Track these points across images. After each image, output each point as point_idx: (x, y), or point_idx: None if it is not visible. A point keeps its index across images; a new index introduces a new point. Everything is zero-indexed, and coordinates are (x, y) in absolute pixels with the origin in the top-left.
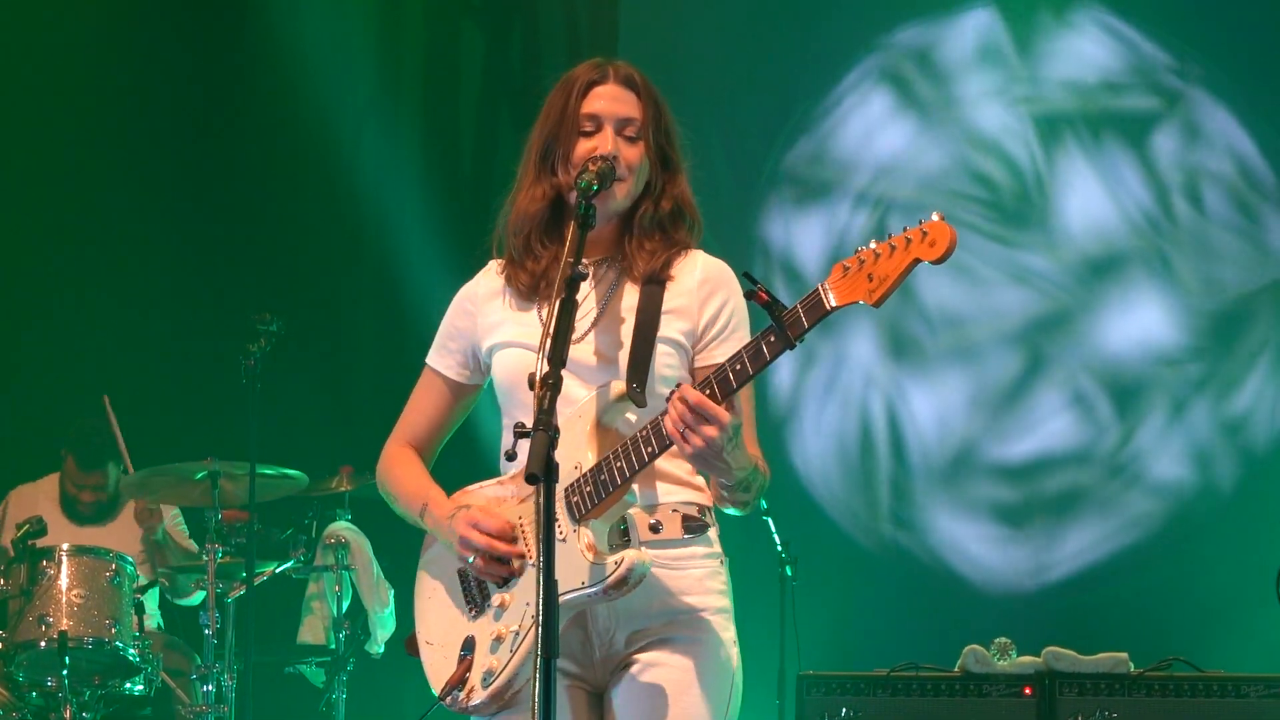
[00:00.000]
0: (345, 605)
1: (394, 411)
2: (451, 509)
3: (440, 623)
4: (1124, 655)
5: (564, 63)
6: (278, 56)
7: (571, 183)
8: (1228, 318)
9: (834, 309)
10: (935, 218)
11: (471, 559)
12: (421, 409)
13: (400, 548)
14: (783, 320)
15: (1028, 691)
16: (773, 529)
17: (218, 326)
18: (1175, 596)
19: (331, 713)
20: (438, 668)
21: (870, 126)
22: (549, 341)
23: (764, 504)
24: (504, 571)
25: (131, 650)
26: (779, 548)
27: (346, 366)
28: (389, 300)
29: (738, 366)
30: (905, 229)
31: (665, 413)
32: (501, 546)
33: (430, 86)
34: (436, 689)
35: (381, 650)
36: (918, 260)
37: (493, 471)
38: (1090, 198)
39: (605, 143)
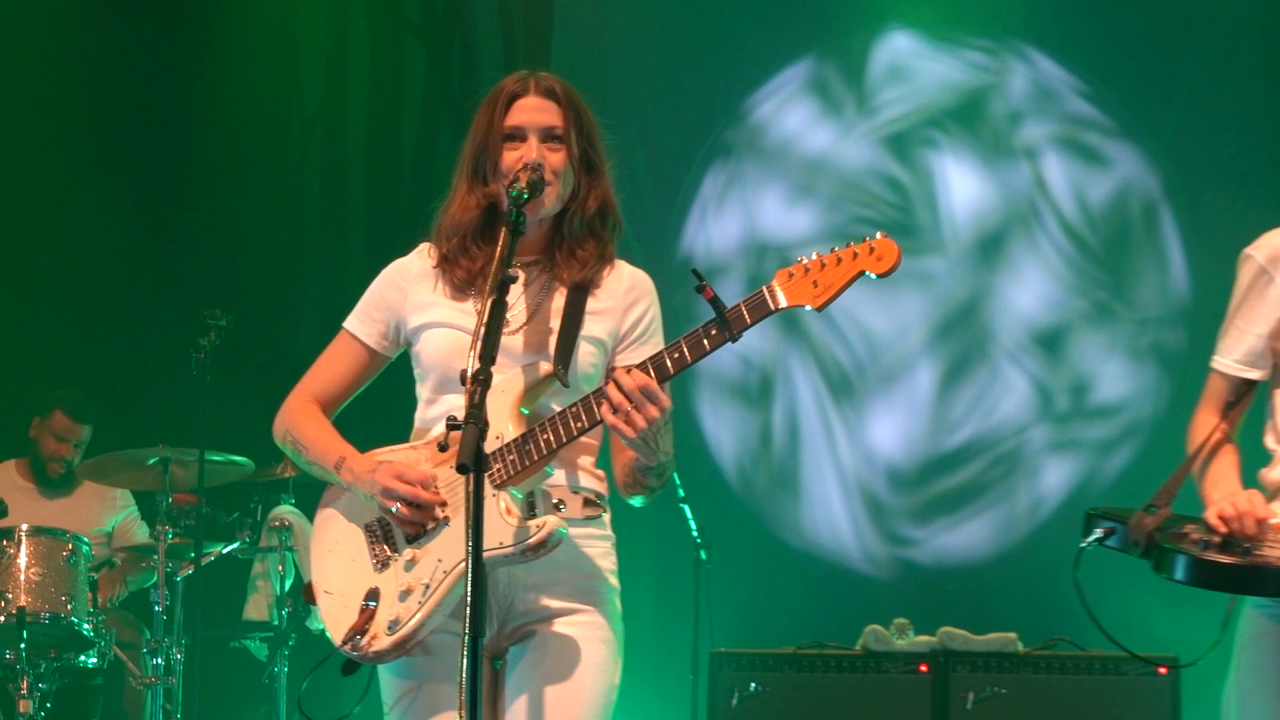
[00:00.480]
0: (288, 584)
1: None
2: (372, 464)
3: (342, 574)
4: (1013, 635)
5: (500, 76)
6: (232, 63)
7: (502, 191)
8: (1121, 334)
9: (780, 309)
10: (879, 236)
11: (395, 508)
12: (333, 369)
13: None
14: (727, 315)
15: (924, 669)
16: (689, 516)
17: (170, 321)
18: (1062, 581)
19: (274, 685)
20: (337, 616)
21: (786, 136)
22: (480, 340)
23: (681, 492)
24: (424, 518)
25: (86, 625)
26: (695, 533)
27: (292, 359)
28: (333, 298)
29: (676, 355)
30: (850, 243)
31: (599, 392)
32: (425, 495)
33: (375, 97)
34: (334, 635)
35: (322, 626)
36: (864, 272)
37: (382, 437)
38: (974, 195)
39: (530, 151)
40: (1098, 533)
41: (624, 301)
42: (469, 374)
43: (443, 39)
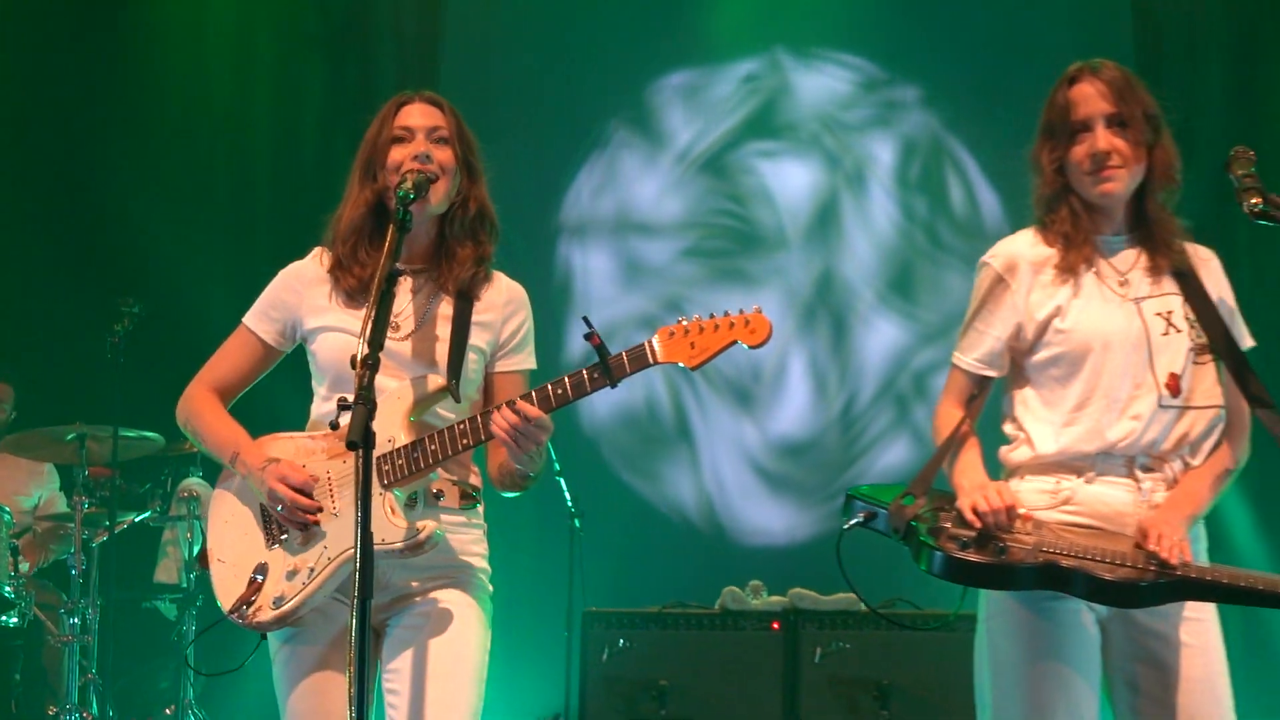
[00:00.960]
0: (195, 550)
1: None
2: (263, 460)
3: (236, 545)
4: (855, 595)
5: (393, 87)
6: (146, 66)
7: (391, 188)
8: (953, 315)
9: (657, 363)
10: (755, 310)
11: (279, 508)
12: (232, 361)
13: None
14: (609, 364)
15: (776, 626)
16: (565, 488)
17: (88, 308)
18: (900, 547)
19: (182, 643)
20: (226, 584)
21: (643, 158)
22: (369, 328)
23: (557, 466)
24: (303, 520)
25: (7, 588)
26: (569, 504)
27: (199, 345)
28: (239, 290)
29: (559, 391)
30: (728, 313)
31: (487, 414)
32: (303, 501)
33: (278, 103)
34: (222, 601)
35: None
36: (736, 341)
37: (274, 423)
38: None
39: (419, 145)
40: (859, 516)
41: (503, 314)
42: (358, 359)
43: (341, 52)
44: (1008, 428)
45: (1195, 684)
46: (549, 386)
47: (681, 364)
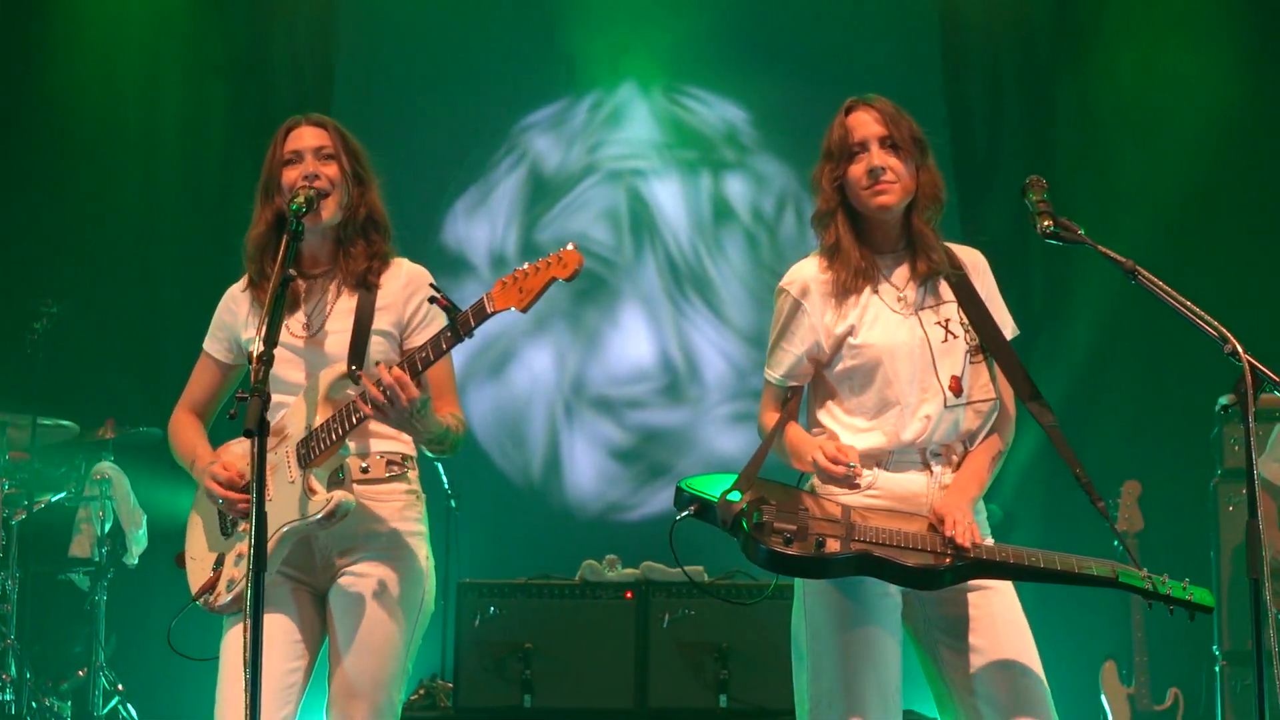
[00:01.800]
0: (107, 527)
1: (149, 377)
2: (207, 463)
3: (201, 543)
4: (701, 568)
5: (290, 113)
6: (60, 88)
7: (285, 206)
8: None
9: (494, 312)
10: (570, 247)
11: (220, 502)
12: (200, 384)
13: (149, 484)
14: (456, 321)
15: (629, 595)
16: (441, 472)
17: (8, 307)
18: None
19: (94, 611)
20: (197, 577)
21: (516, 182)
22: (264, 328)
23: None
24: (236, 511)
25: None
26: (446, 485)
27: (113, 340)
28: (149, 292)
29: (423, 354)
30: (549, 254)
31: (361, 391)
32: (231, 495)
33: (185, 125)
34: (193, 592)
35: (135, 562)
36: (555, 278)
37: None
38: (689, 230)
39: (307, 165)
40: (690, 509)
41: (403, 295)
42: (254, 354)
43: (242, 80)
44: (814, 430)
45: (995, 618)
46: (415, 352)
47: (514, 308)
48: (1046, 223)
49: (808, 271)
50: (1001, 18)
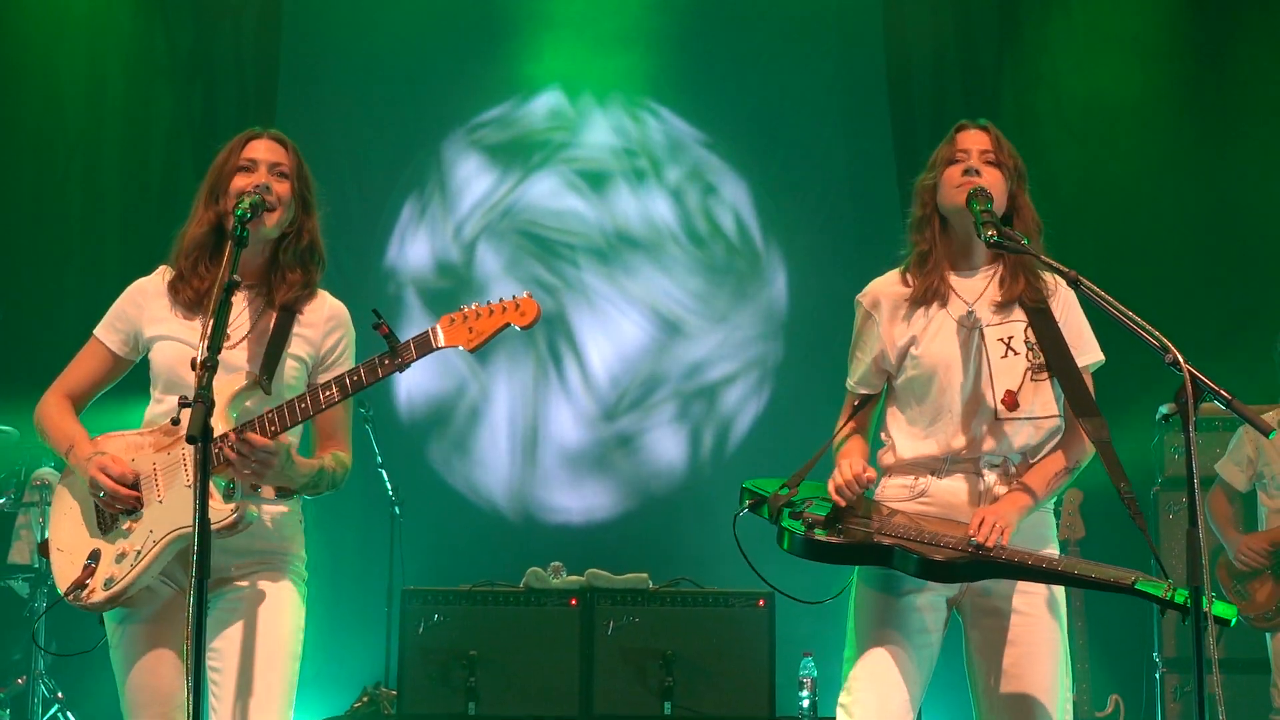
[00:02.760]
0: (47, 533)
1: None
2: (91, 451)
3: (71, 534)
4: (645, 575)
5: (234, 116)
6: (1, 92)
7: (230, 210)
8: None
9: (440, 347)
10: (525, 295)
11: (102, 494)
12: (83, 369)
13: None
14: (397, 349)
15: (574, 602)
16: (386, 479)
17: None
18: (685, 532)
19: (33, 619)
20: (64, 570)
21: (459, 185)
22: (210, 332)
23: (379, 459)
24: (123, 507)
25: None
26: (390, 493)
27: (52, 349)
28: (89, 298)
29: (355, 377)
30: (501, 299)
31: (250, 424)
32: (122, 492)
33: (128, 126)
34: (60, 585)
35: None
36: (509, 324)
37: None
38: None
39: (260, 176)
40: (748, 504)
41: (324, 329)
42: (199, 361)
43: (186, 82)
44: (882, 435)
45: (1022, 646)
46: (346, 374)
47: (461, 347)
48: (990, 232)
49: (881, 286)
50: (944, 28)
